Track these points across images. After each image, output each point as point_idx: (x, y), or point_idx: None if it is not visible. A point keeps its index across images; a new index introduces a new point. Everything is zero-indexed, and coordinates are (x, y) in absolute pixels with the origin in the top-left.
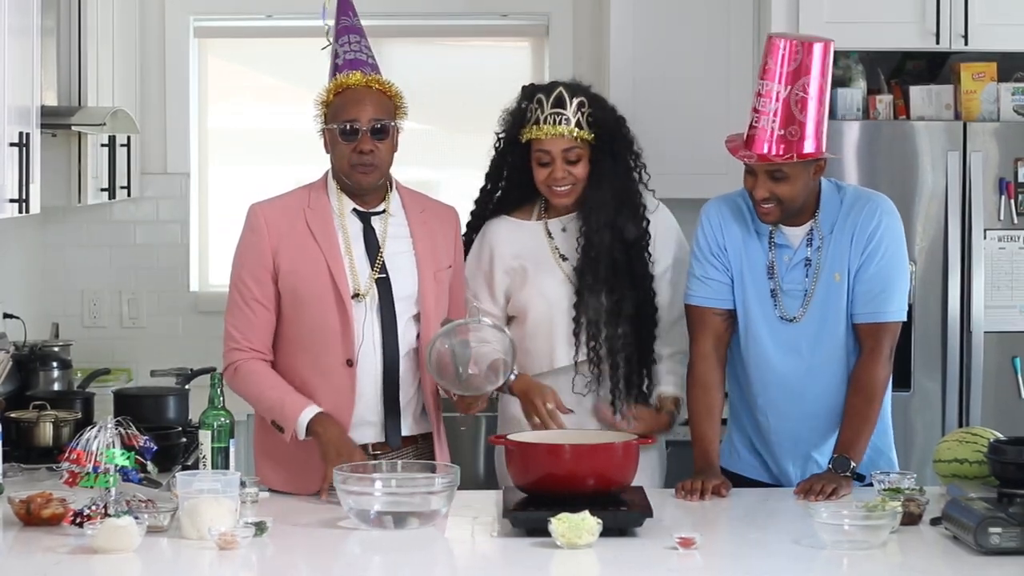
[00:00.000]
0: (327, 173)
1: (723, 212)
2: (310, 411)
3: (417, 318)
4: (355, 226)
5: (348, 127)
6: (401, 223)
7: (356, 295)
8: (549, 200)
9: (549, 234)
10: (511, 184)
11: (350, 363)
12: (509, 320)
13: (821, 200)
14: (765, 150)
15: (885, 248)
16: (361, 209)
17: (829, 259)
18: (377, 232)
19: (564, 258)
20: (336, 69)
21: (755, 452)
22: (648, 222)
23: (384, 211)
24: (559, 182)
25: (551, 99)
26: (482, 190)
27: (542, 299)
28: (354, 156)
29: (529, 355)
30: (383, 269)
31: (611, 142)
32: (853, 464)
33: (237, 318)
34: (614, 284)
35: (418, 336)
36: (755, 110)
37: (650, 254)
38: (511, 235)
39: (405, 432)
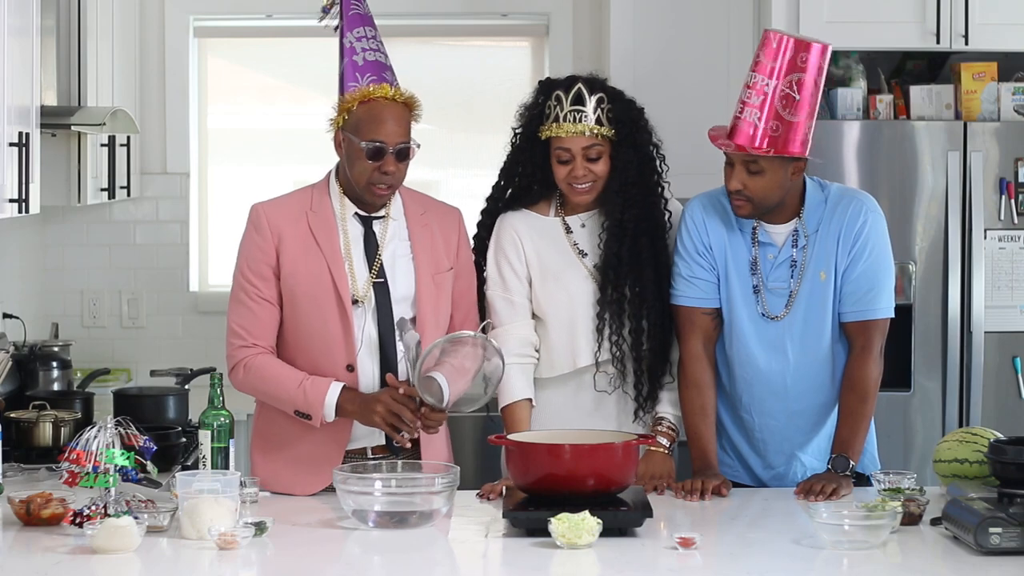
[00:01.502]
0: (329, 174)
1: (706, 209)
2: (333, 392)
3: (414, 321)
4: (356, 230)
5: (376, 147)
6: (401, 226)
7: (355, 301)
8: (568, 197)
9: (568, 229)
10: (528, 180)
11: (351, 368)
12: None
13: (805, 199)
14: (744, 141)
15: (872, 247)
16: (363, 213)
17: (814, 258)
18: (377, 235)
19: (584, 254)
20: (355, 68)
21: (736, 454)
22: (670, 213)
23: (385, 215)
24: (580, 180)
25: (570, 96)
26: (495, 186)
27: (565, 296)
28: (375, 175)
29: (552, 355)
30: (380, 273)
31: (632, 136)
32: (852, 463)
33: (242, 316)
34: (638, 276)
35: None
36: (741, 101)
37: (668, 245)
38: (530, 229)
39: None
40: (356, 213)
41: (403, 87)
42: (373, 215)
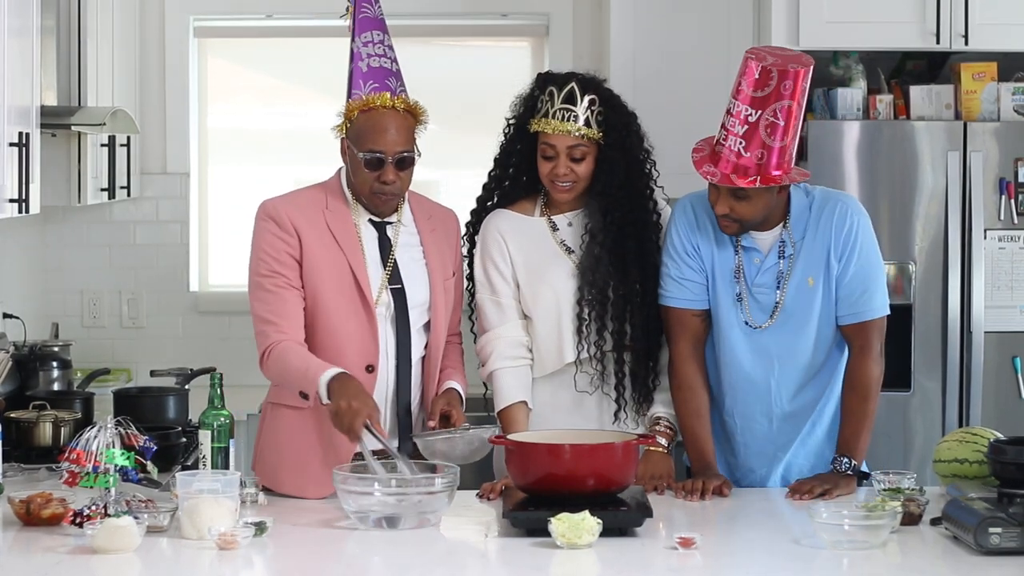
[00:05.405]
0: (340, 176)
1: (695, 210)
2: (330, 372)
3: (427, 327)
4: (370, 233)
5: (373, 157)
6: (412, 232)
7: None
8: (550, 193)
9: (554, 227)
10: (517, 171)
11: (371, 369)
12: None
13: (791, 206)
14: (729, 171)
15: (860, 247)
16: (376, 219)
17: (801, 264)
18: (391, 239)
19: (570, 251)
20: (359, 75)
21: (721, 455)
22: (659, 215)
23: (397, 220)
24: (561, 178)
25: (563, 94)
26: (490, 174)
27: (551, 292)
28: (376, 184)
29: (539, 351)
30: (396, 278)
31: (621, 141)
32: (854, 462)
33: (270, 303)
34: (623, 278)
35: (426, 345)
36: (725, 128)
37: (659, 249)
38: (514, 229)
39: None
40: (369, 219)
41: (409, 95)
42: (386, 221)
